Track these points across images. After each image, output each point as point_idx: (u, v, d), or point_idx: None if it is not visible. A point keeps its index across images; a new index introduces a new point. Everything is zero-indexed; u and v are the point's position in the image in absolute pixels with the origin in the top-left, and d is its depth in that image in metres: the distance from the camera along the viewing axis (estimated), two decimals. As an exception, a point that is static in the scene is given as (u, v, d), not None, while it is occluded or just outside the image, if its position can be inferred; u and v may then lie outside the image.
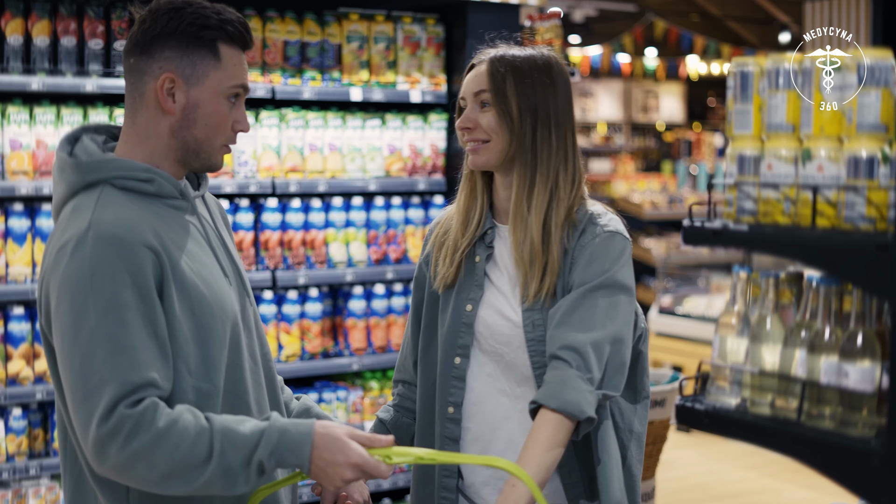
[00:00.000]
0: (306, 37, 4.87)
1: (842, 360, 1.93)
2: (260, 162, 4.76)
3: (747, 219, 2.07)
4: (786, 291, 2.12)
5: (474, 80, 2.67)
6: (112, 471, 2.20)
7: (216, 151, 2.40)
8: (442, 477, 2.67)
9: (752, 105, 2.08)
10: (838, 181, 1.94)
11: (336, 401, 4.94)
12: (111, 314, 2.19)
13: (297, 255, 4.82)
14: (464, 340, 2.66)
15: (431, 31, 5.12)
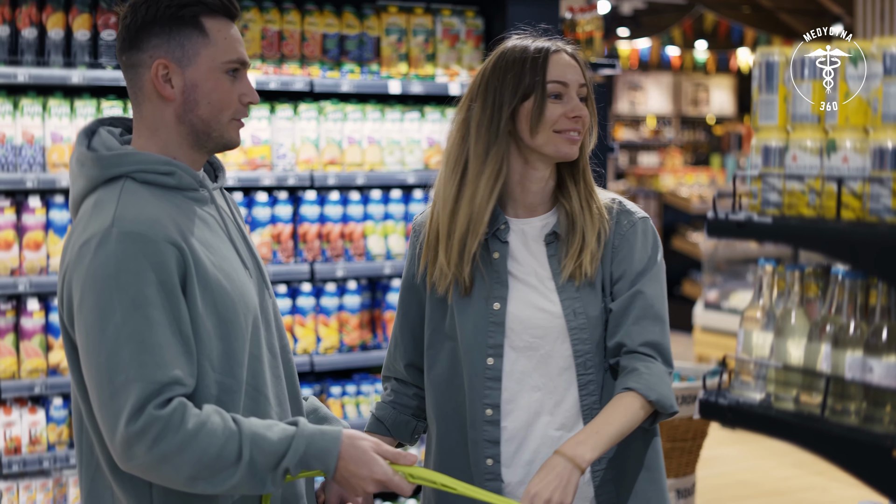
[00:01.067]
0: (345, 30, 4.87)
1: (866, 355, 1.90)
2: (298, 155, 4.77)
3: (772, 211, 2.04)
4: (812, 285, 2.09)
5: (574, 69, 2.60)
6: (138, 470, 2.20)
7: (226, 127, 2.36)
8: (485, 480, 2.60)
9: (777, 95, 2.05)
10: (863, 172, 1.91)
11: (374, 393, 4.94)
12: (136, 312, 2.18)
13: (335, 247, 4.83)
14: (495, 340, 2.60)
15: (471, 23, 5.10)
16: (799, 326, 2.04)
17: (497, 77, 2.60)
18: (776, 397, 2.04)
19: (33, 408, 4.32)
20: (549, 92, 2.56)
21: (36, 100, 4.31)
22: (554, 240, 2.63)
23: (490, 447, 2.60)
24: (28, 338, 4.28)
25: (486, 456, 2.59)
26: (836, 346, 1.95)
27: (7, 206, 4.27)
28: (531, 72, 2.57)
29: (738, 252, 10.55)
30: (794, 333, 2.04)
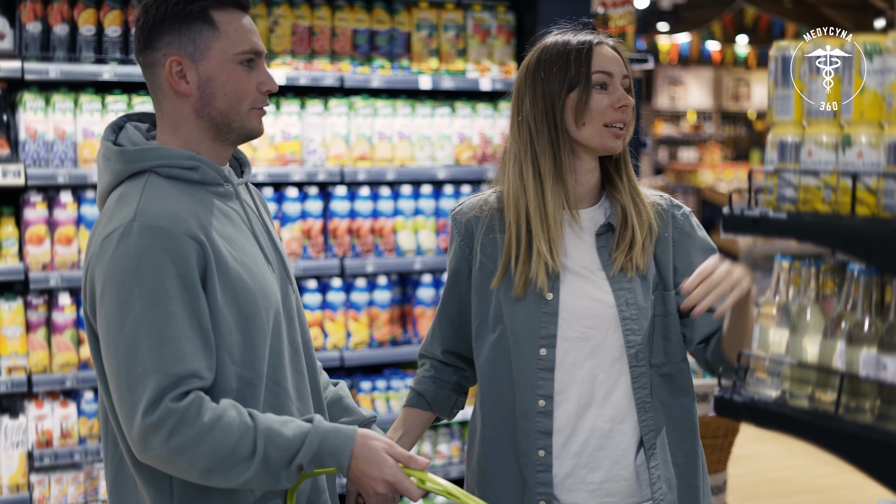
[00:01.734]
0: (375, 25, 4.88)
1: (881, 353, 1.87)
2: (329, 150, 4.78)
3: (787, 207, 2.02)
4: (828, 282, 2.07)
5: (617, 61, 2.64)
6: (155, 461, 2.22)
7: (246, 116, 2.37)
8: (536, 472, 2.61)
9: (792, 90, 2.03)
10: (878, 168, 1.88)
11: (404, 388, 4.94)
12: (156, 305, 2.20)
13: (365, 242, 4.84)
14: (548, 331, 2.60)
15: (502, 18, 5.09)
16: (814, 323, 2.02)
17: (542, 70, 2.64)
18: (791, 395, 2.01)
19: (65, 401, 4.36)
20: (594, 82, 2.60)
21: (67, 96, 4.34)
22: (605, 231, 2.65)
23: (542, 438, 2.60)
24: (60, 332, 4.32)
25: (538, 447, 2.60)
26: (850, 343, 1.93)
27: (39, 202, 4.31)
28: (576, 63, 2.61)
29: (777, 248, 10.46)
30: (809, 330, 2.02)
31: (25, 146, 4.27)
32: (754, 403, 2.05)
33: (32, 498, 4.29)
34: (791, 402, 2.02)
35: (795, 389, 2.02)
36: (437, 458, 5.05)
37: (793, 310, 2.07)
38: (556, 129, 2.60)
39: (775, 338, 2.09)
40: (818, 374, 1.97)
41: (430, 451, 5.03)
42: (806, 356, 2.02)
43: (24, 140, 4.28)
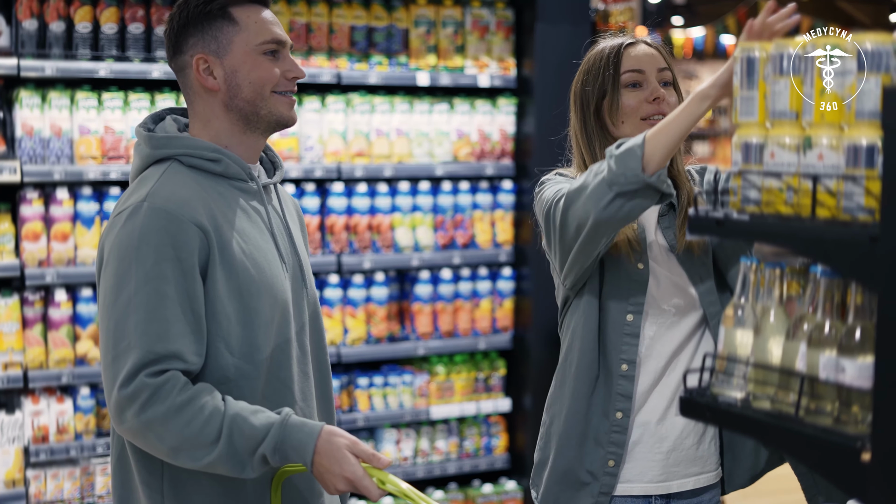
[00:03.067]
0: (373, 21, 4.88)
1: (840, 355, 1.87)
2: (326, 146, 4.78)
3: (751, 208, 2.01)
4: (793, 283, 2.06)
5: (652, 57, 2.78)
6: (128, 434, 2.32)
7: (271, 101, 2.45)
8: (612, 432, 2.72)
9: (757, 92, 2.02)
10: (839, 170, 1.87)
11: (402, 385, 4.95)
12: (149, 284, 2.29)
13: (362, 239, 4.84)
14: (637, 298, 2.70)
15: (500, 14, 5.09)
16: (778, 325, 2.01)
17: (580, 82, 2.80)
18: (755, 396, 2.01)
19: (61, 397, 4.38)
20: (623, 83, 2.75)
21: (64, 93, 4.36)
22: (668, 211, 2.79)
23: (623, 401, 2.72)
24: (56, 328, 4.34)
25: (616, 409, 2.71)
26: (811, 345, 1.92)
27: (35, 198, 4.33)
28: (605, 68, 2.76)
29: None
30: (773, 332, 2.02)
31: (22, 143, 4.29)
32: (717, 405, 2.05)
33: (28, 493, 4.32)
34: (755, 403, 2.02)
35: (759, 391, 2.01)
36: (435, 455, 5.05)
37: (758, 311, 2.06)
38: (600, 132, 2.77)
39: (741, 339, 2.09)
40: (780, 376, 1.97)
41: (427, 448, 5.04)
42: (770, 358, 2.02)
43: (20, 137, 4.30)
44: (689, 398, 2.11)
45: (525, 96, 5.08)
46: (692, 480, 2.76)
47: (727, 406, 2.04)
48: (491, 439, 5.17)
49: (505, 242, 5.12)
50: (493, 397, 5.16)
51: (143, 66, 4.41)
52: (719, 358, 2.09)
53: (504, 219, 5.11)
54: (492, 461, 5.16)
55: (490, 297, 5.12)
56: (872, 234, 1.76)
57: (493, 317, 5.12)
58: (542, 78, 5.01)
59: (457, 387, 5.07)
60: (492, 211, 5.10)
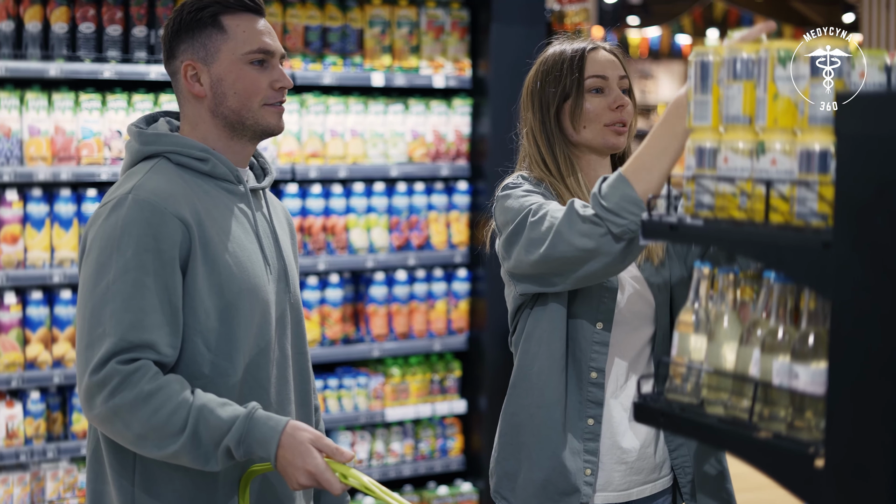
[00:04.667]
0: (328, 21, 4.85)
1: (793, 361, 1.86)
2: (280, 147, 4.75)
3: (705, 213, 2.00)
4: (747, 288, 2.06)
5: (613, 64, 2.77)
6: (96, 420, 2.34)
7: (258, 112, 2.48)
8: (584, 440, 2.70)
9: (711, 96, 2.02)
10: (791, 175, 1.87)
11: (357, 387, 4.93)
12: (128, 273, 2.32)
13: (317, 240, 4.81)
14: (607, 306, 2.69)
15: (456, 14, 5.07)
16: (731, 330, 2.01)
17: (538, 81, 2.77)
18: (708, 402, 2.00)
19: (10, 401, 4.32)
20: (587, 87, 2.73)
21: (13, 93, 4.30)
22: None
23: (593, 408, 2.70)
24: (5, 332, 4.28)
25: (588, 416, 2.70)
26: (765, 351, 1.92)
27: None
28: (569, 71, 2.74)
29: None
30: (726, 338, 2.01)
31: (-30, 144, 4.23)
32: (671, 410, 2.04)
33: (-23, 499, 4.26)
34: (708, 409, 2.01)
35: (712, 397, 2.01)
36: (390, 457, 5.03)
37: (711, 317, 2.06)
38: (559, 135, 2.74)
39: (695, 344, 2.08)
40: (734, 381, 1.96)
41: (382, 450, 5.01)
42: (724, 363, 2.01)
43: (-32, 138, 4.23)
44: (643, 404, 2.10)
45: (480, 97, 5.07)
46: (650, 487, 2.75)
47: (681, 411, 2.03)
48: (446, 441, 5.15)
49: (460, 244, 5.11)
50: (449, 399, 5.14)
51: (94, 66, 4.36)
52: (673, 363, 2.09)
53: (459, 220, 5.10)
54: (447, 463, 5.14)
55: (445, 299, 5.10)
56: (825, 240, 1.75)
57: (449, 318, 5.11)
58: (497, 79, 4.99)
59: (412, 389, 5.05)
60: (447, 212, 5.08)
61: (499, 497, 2.78)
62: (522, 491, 2.72)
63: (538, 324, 2.71)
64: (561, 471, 2.68)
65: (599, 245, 2.42)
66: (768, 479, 1.99)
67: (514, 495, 2.74)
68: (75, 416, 4.38)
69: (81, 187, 4.43)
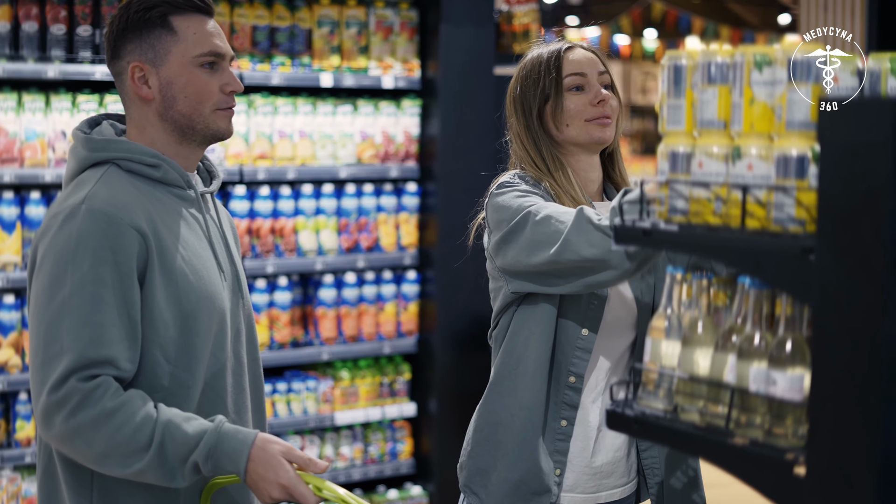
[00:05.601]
0: (276, 21, 4.79)
1: (770, 367, 1.85)
2: (227, 149, 4.69)
3: (678, 218, 1.99)
4: (720, 294, 2.05)
5: (591, 61, 2.77)
6: (55, 440, 2.26)
7: (210, 118, 2.41)
8: (556, 440, 2.70)
9: (684, 100, 2.00)
10: (768, 181, 1.86)
11: (306, 391, 4.88)
12: (85, 288, 2.24)
13: (265, 243, 4.76)
14: (595, 313, 2.68)
15: (405, 15, 5.04)
16: (706, 336, 1.99)
17: (519, 87, 2.79)
18: (682, 409, 1.99)
19: (-48, 408, 4.22)
20: (567, 86, 2.74)
21: (-47, 93, 4.20)
22: None
23: (567, 410, 2.69)
24: (-54, 337, 4.18)
25: (562, 417, 2.69)
26: (741, 357, 1.90)
27: (-76, 203, 4.16)
28: (546, 72, 2.75)
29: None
30: (700, 343, 2.00)
31: None
32: (645, 417, 2.02)
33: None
34: (682, 416, 1.99)
35: (687, 403, 1.99)
36: (339, 461, 4.99)
37: (684, 322, 2.04)
38: (544, 136, 2.75)
39: (668, 350, 2.06)
40: (709, 388, 1.95)
41: (332, 454, 4.97)
42: (697, 370, 2.00)
43: None
44: (616, 411, 2.08)
45: (429, 98, 5.04)
46: (619, 491, 2.75)
47: (655, 419, 2.02)
48: (396, 444, 5.12)
49: (409, 245, 5.07)
50: (398, 402, 5.10)
51: (37, 66, 4.27)
52: (646, 370, 2.07)
53: (409, 221, 5.06)
54: (397, 466, 5.11)
55: (394, 301, 5.06)
56: (804, 246, 1.75)
57: (398, 320, 5.07)
58: (446, 79, 4.97)
59: (361, 392, 5.01)
60: (396, 213, 5.05)
61: (468, 492, 2.78)
62: (496, 489, 2.72)
63: (525, 323, 2.70)
64: (536, 472, 2.68)
65: (609, 258, 2.42)
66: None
67: (485, 492, 2.73)
68: (19, 424, 4.29)
69: (25, 189, 4.33)
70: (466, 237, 2.92)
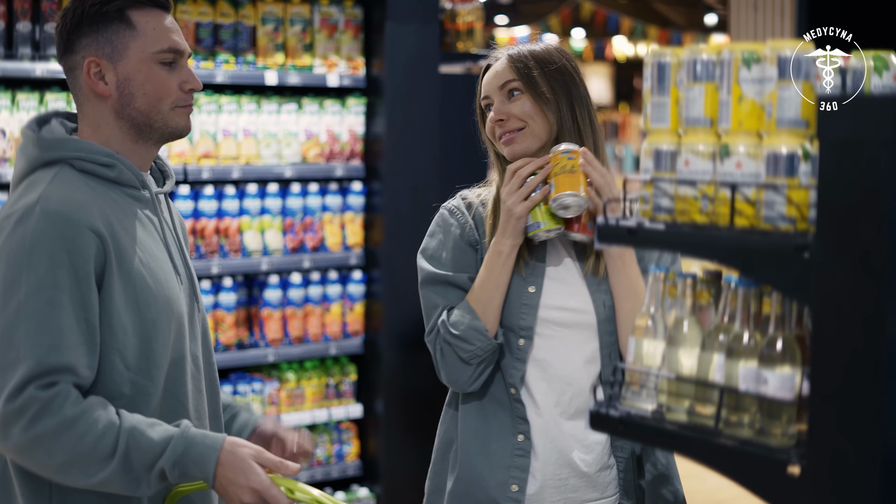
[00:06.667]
0: (219, 18, 4.72)
1: (761, 366, 1.84)
2: (171, 148, 4.60)
3: (664, 217, 1.97)
4: (704, 292, 2.03)
5: (496, 75, 2.71)
6: (13, 451, 2.18)
7: (168, 115, 2.34)
8: (515, 456, 2.66)
9: (669, 98, 1.99)
10: (757, 179, 1.85)
11: (252, 393, 4.81)
12: (42, 292, 2.16)
13: (209, 243, 4.68)
14: (526, 322, 2.65)
15: (349, 12, 4.99)
16: (691, 336, 1.98)
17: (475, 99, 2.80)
18: (668, 409, 1.98)
19: None
20: (483, 109, 2.76)
21: None
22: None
23: (522, 423, 2.67)
24: None
25: (518, 432, 2.67)
26: (729, 356, 1.89)
27: None
28: (476, 97, 2.78)
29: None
30: (685, 343, 1.98)
31: None
32: (631, 418, 2.01)
33: None
34: (668, 416, 1.98)
35: (672, 403, 1.98)
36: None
37: (668, 322, 2.03)
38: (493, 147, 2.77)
39: (650, 350, 2.05)
40: (696, 387, 1.94)
41: (279, 457, 4.90)
42: (682, 369, 1.98)
43: None
44: (599, 412, 2.06)
45: (374, 96, 5.00)
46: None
47: (640, 419, 2.00)
48: (342, 446, 5.07)
49: (355, 245, 5.03)
50: (345, 403, 5.06)
51: None
52: (629, 370, 2.05)
53: (354, 221, 5.02)
54: (344, 468, 5.06)
55: (340, 302, 5.01)
56: (797, 244, 1.74)
57: (344, 321, 5.02)
58: (391, 78, 4.93)
59: (307, 394, 4.95)
60: (341, 213, 4.99)
61: None
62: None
63: None
64: (484, 484, 2.67)
65: (443, 360, 2.67)
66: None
67: None
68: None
69: (-38, 189, 4.23)
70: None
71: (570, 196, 2.58)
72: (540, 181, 2.62)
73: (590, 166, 2.60)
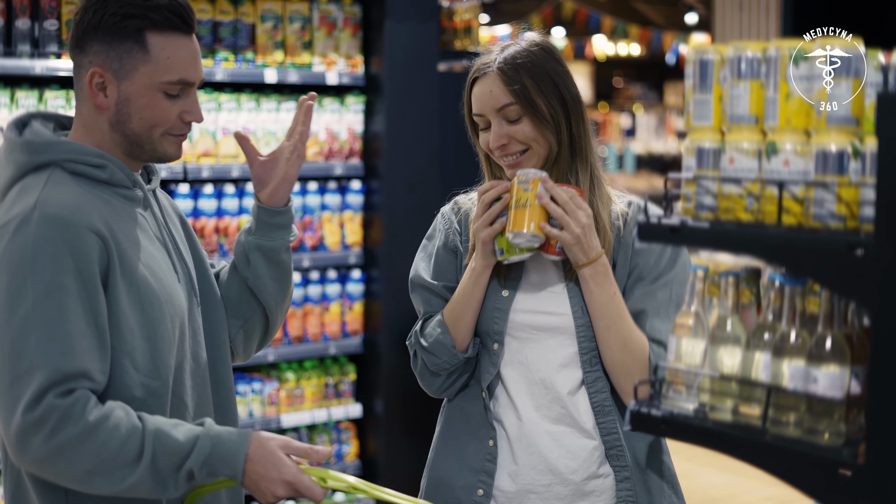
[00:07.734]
0: (219, 16, 4.68)
1: (809, 365, 1.83)
2: (171, 146, 4.56)
3: (707, 215, 1.96)
4: (746, 291, 2.02)
5: (489, 95, 2.60)
6: (33, 463, 2.12)
7: (159, 141, 2.29)
8: (485, 461, 2.64)
9: (712, 95, 1.97)
10: (806, 176, 1.84)
11: (251, 393, 4.78)
12: (49, 298, 2.10)
13: (209, 242, 4.65)
14: (498, 326, 2.64)
15: (348, 10, 4.96)
16: (735, 334, 1.97)
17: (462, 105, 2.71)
18: (711, 408, 1.96)
19: None
20: (475, 121, 2.67)
21: None
22: None
23: (496, 428, 2.65)
24: None
25: (489, 436, 2.65)
26: (776, 354, 1.88)
27: None
28: (465, 104, 2.68)
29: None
30: (728, 341, 1.97)
31: None
32: (674, 418, 1.99)
33: None
34: (711, 415, 1.97)
35: (716, 402, 1.97)
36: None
37: (710, 321, 2.02)
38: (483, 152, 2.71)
39: (690, 349, 2.04)
40: (741, 386, 1.93)
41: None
42: (724, 368, 1.97)
43: None
44: (640, 411, 2.05)
45: (373, 94, 4.97)
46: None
47: (684, 418, 1.99)
48: (342, 446, 5.04)
49: (354, 244, 5.00)
50: (344, 403, 5.03)
51: (-25, 59, 4.11)
52: (671, 369, 2.04)
53: (353, 220, 4.99)
54: (343, 468, 5.03)
55: (339, 301, 4.99)
56: (852, 242, 1.73)
57: (343, 321, 5.00)
58: (390, 75, 4.91)
59: (307, 393, 4.92)
60: (340, 212, 4.97)
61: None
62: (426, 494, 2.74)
63: None
64: (451, 482, 2.68)
65: (420, 368, 2.72)
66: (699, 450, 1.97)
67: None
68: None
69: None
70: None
71: (518, 236, 2.53)
72: (501, 209, 2.56)
73: (546, 198, 2.51)
